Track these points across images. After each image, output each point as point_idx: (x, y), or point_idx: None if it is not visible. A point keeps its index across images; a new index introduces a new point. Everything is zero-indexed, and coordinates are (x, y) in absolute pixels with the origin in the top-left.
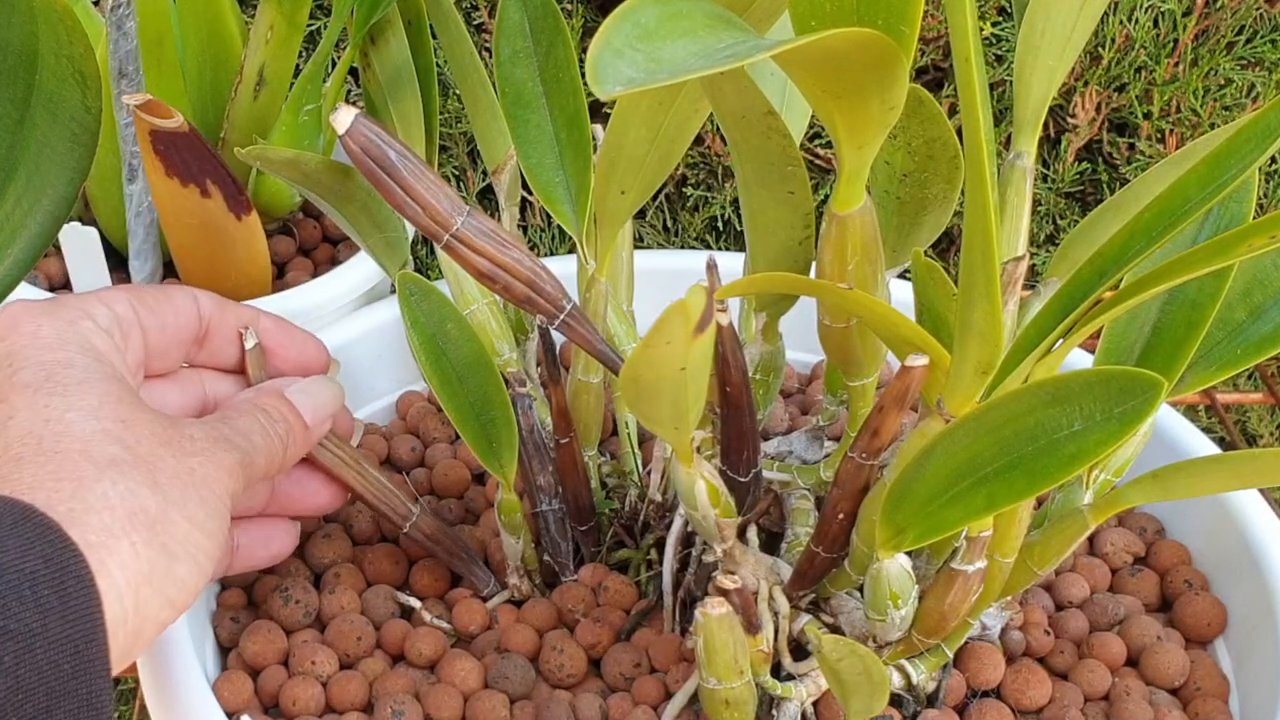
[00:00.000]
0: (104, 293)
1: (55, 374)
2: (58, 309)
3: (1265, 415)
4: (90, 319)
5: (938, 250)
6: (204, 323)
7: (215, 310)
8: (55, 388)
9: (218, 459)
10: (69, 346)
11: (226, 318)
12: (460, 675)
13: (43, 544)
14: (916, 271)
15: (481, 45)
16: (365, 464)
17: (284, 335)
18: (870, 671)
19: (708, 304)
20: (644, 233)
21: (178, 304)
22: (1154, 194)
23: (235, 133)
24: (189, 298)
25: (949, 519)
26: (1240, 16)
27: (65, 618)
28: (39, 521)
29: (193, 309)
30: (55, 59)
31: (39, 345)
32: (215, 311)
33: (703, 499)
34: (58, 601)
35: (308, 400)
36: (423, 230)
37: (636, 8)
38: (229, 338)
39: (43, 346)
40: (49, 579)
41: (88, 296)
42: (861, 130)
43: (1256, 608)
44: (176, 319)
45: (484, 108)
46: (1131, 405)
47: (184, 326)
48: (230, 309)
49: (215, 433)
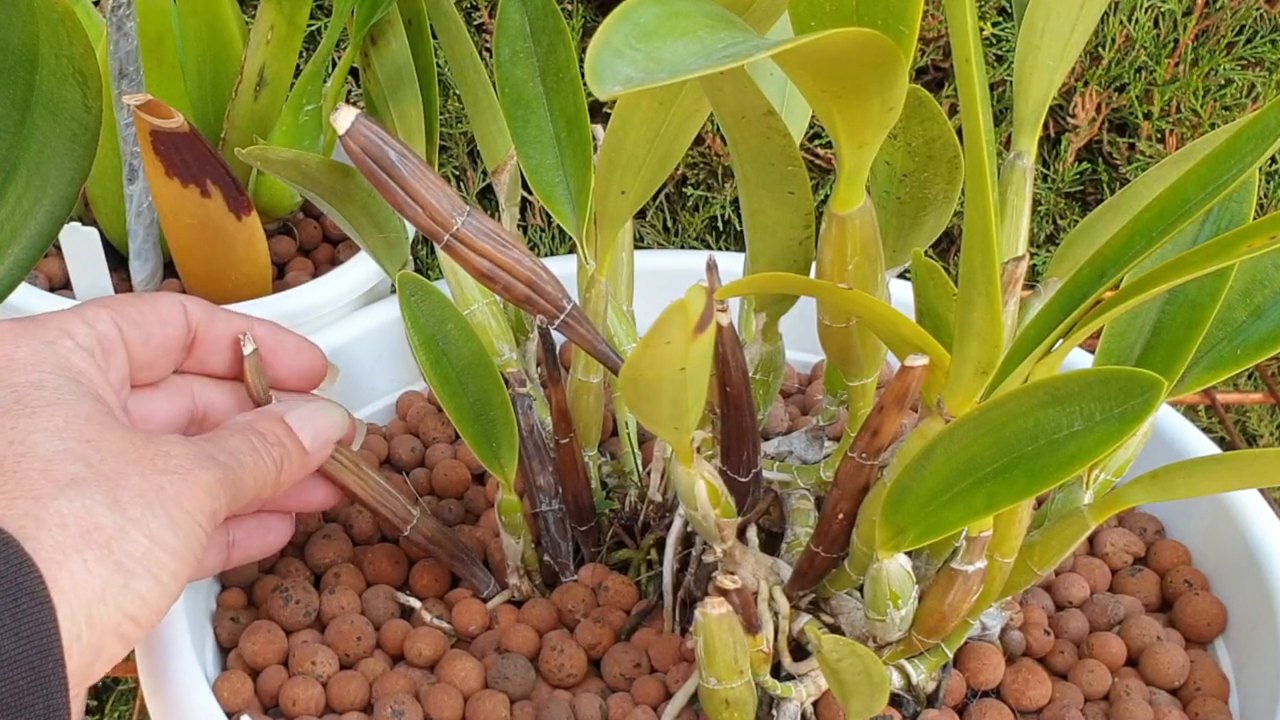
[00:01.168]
0: (86, 309)
1: (25, 395)
2: (36, 329)
3: (1265, 415)
4: (70, 338)
5: (938, 250)
6: (192, 330)
7: (204, 316)
8: (23, 410)
9: (194, 476)
10: (43, 367)
11: (215, 324)
12: (460, 675)
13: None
14: (916, 271)
15: (481, 45)
16: (365, 467)
17: (277, 341)
18: (870, 671)
19: (707, 304)
20: (644, 233)
21: (163, 313)
22: (1154, 194)
23: (235, 133)
24: (176, 306)
25: (949, 519)
26: (1240, 16)
27: (19, 635)
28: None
29: (180, 317)
30: (55, 59)
31: (13, 368)
32: (204, 318)
33: (703, 499)
34: (11, 619)
35: (308, 425)
36: (423, 230)
37: (636, 7)
38: (218, 345)
39: (16, 368)
40: (2, 596)
41: (69, 314)
42: (861, 130)
43: (1256, 608)
44: (163, 329)
45: (484, 108)
46: (1131, 405)
47: (171, 336)
48: (220, 316)
49: (197, 450)
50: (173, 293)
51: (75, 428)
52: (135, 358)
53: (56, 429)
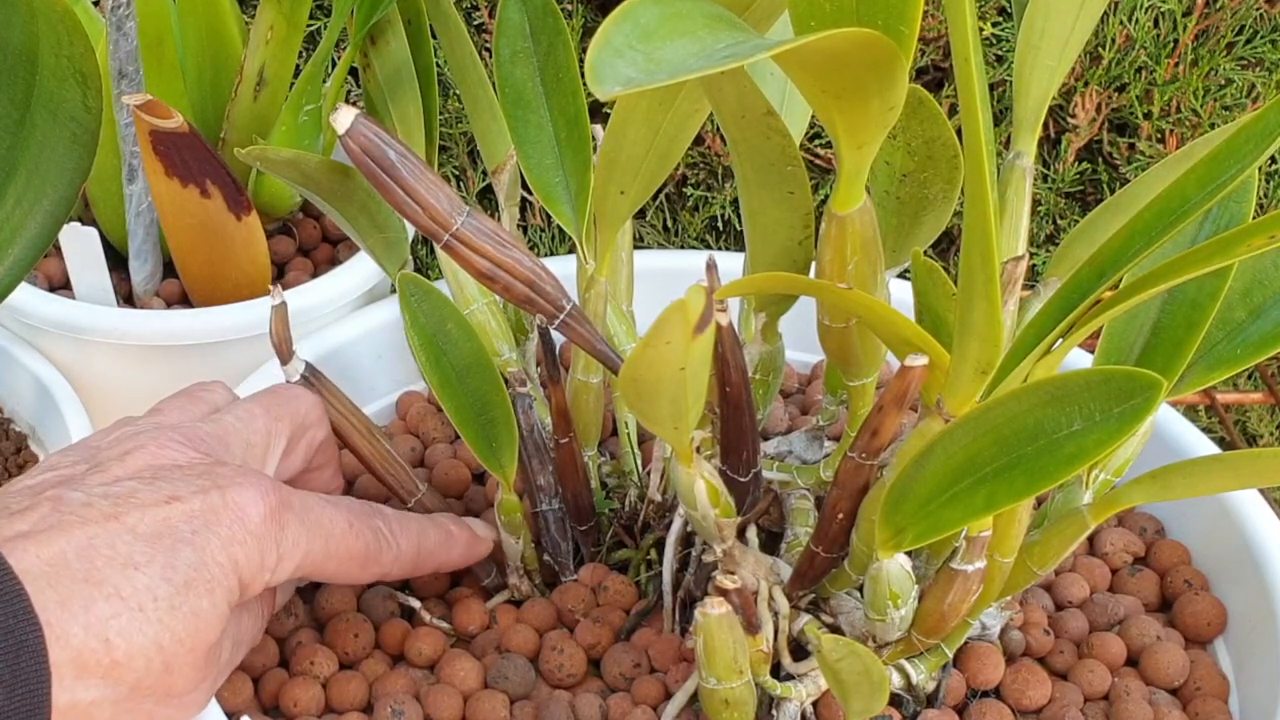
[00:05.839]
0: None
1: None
2: (270, 541)
3: (1265, 415)
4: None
5: (938, 250)
6: None
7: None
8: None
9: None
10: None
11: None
12: (460, 675)
13: (7, 614)
14: (916, 271)
15: (481, 45)
16: (376, 434)
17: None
18: (870, 671)
19: (707, 304)
20: (644, 233)
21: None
22: (1154, 194)
23: (235, 133)
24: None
25: (948, 519)
26: (1240, 16)
27: (14, 691)
28: (7, 589)
29: None
30: (55, 59)
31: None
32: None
33: (702, 499)
34: (9, 675)
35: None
36: (422, 230)
37: (636, 7)
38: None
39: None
40: (6, 652)
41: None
42: (861, 130)
43: (1256, 608)
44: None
45: (484, 108)
46: (1131, 405)
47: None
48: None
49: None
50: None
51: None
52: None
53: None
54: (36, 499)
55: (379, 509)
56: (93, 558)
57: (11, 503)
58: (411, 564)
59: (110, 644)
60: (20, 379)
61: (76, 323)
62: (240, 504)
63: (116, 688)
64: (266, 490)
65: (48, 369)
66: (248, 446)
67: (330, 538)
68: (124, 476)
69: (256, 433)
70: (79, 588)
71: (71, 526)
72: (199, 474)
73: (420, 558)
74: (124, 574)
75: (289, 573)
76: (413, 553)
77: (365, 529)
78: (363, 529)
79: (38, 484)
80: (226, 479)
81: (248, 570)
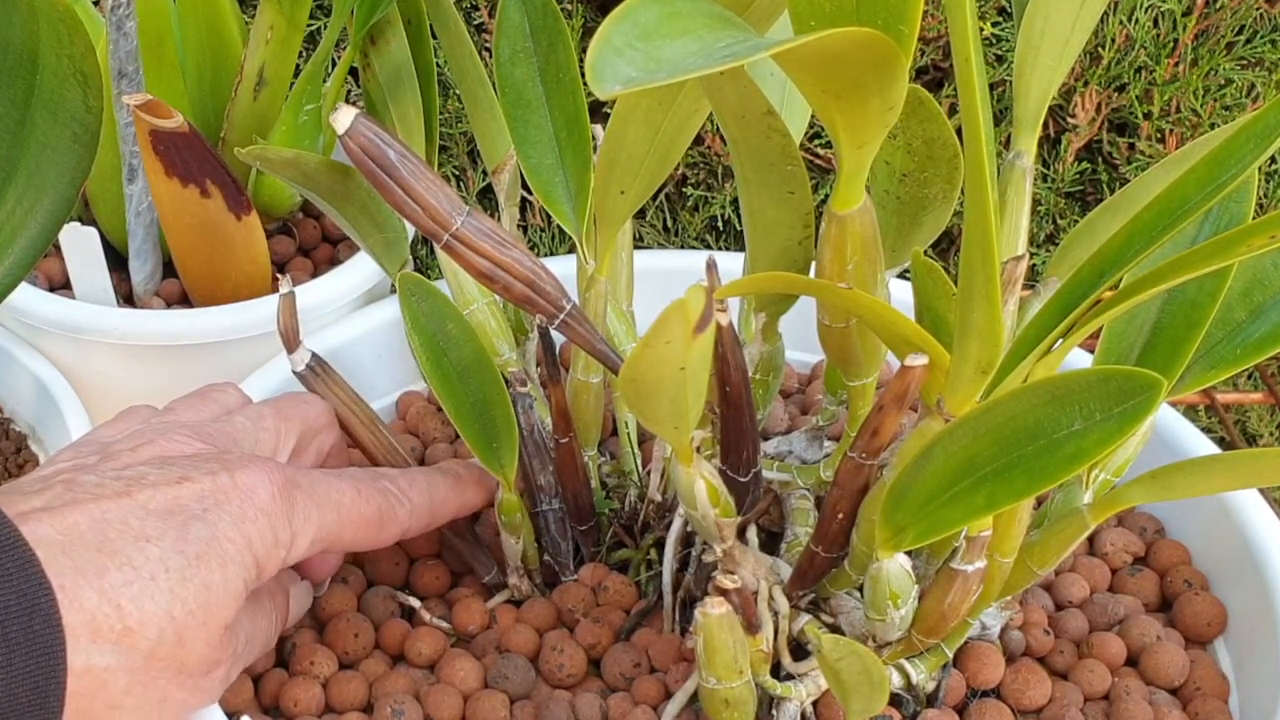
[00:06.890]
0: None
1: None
2: (281, 519)
3: (1265, 415)
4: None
5: (938, 250)
6: None
7: None
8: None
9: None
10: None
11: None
12: (460, 675)
13: (20, 578)
14: (916, 271)
15: (481, 45)
16: (379, 425)
17: None
18: (870, 671)
19: (707, 304)
20: (644, 233)
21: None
22: (1154, 194)
23: (235, 133)
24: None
25: (948, 519)
26: (1240, 16)
27: (30, 653)
28: (20, 554)
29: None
30: (56, 59)
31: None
32: None
33: (702, 499)
34: (23, 637)
35: (294, 603)
36: (422, 230)
37: (636, 7)
38: None
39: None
40: (19, 614)
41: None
42: (861, 130)
43: (1256, 608)
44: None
45: (484, 108)
46: (1131, 405)
47: None
48: None
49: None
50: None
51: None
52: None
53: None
54: (49, 483)
55: (383, 471)
56: (105, 530)
57: (25, 485)
58: (428, 515)
59: (123, 609)
60: (20, 379)
61: (76, 323)
62: (249, 484)
63: (131, 655)
64: (272, 470)
65: (48, 369)
66: (256, 445)
67: (340, 507)
68: (135, 463)
69: (265, 431)
70: (92, 555)
71: (85, 502)
72: (207, 459)
73: (435, 507)
74: (136, 545)
75: (305, 548)
76: (426, 504)
77: (373, 492)
78: (371, 492)
79: (50, 472)
80: (234, 463)
81: (261, 547)
